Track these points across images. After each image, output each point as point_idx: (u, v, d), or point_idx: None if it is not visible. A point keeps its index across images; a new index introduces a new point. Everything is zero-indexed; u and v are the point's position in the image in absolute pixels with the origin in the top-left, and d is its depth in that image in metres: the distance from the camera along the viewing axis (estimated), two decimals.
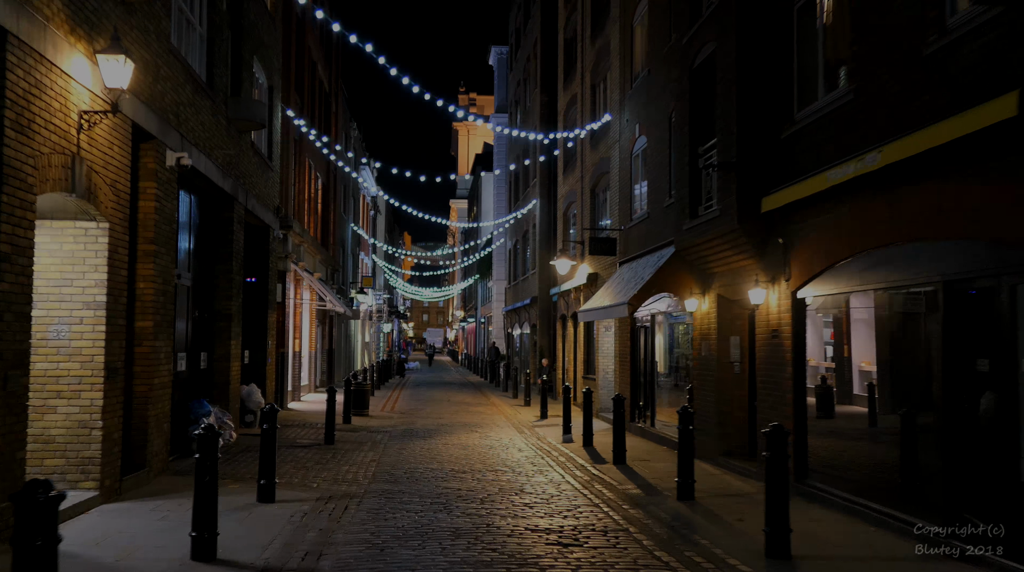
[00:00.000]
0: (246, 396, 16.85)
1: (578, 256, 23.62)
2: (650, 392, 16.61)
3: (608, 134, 20.28)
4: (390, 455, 13.79)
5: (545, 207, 31.31)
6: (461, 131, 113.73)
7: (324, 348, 30.79)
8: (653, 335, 16.53)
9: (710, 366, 12.85)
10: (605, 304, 15.82)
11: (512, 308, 39.01)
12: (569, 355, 25.34)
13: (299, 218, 23.94)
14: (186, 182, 12.85)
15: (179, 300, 12.81)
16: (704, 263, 12.66)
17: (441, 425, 19.07)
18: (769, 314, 10.65)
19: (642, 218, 16.76)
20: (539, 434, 17.57)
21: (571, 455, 14.19)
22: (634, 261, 16.89)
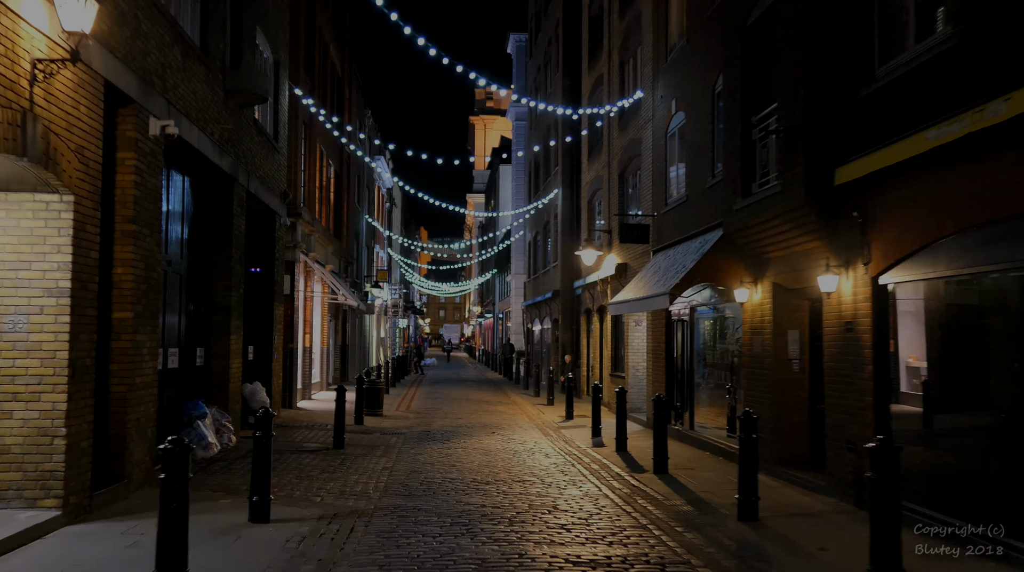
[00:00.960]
0: (249, 395, 15.58)
1: (604, 246, 22.19)
2: (688, 392, 15.18)
3: (639, 114, 18.84)
4: (405, 462, 12.45)
5: (567, 196, 29.88)
6: (478, 125, 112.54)
7: (337, 344, 29.53)
8: (692, 329, 15.09)
9: (763, 364, 11.41)
10: (640, 295, 14.40)
11: (532, 303, 37.63)
12: (595, 352, 23.93)
13: (309, 206, 22.66)
14: (178, 159, 11.56)
15: (171, 290, 11.53)
16: (758, 247, 11.22)
17: (460, 426, 17.73)
18: (841, 304, 9.20)
19: (679, 202, 15.32)
20: (566, 437, 16.19)
21: (605, 462, 12.80)
22: (671, 248, 15.46)
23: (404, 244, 58.88)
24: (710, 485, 10.65)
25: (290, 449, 13.33)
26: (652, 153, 17.41)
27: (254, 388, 15.69)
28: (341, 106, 29.64)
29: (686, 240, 14.50)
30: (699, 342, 14.96)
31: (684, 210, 15.06)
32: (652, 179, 17.42)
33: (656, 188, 17.12)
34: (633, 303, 14.64)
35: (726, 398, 13.97)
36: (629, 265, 19.57)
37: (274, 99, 17.03)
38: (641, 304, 14.00)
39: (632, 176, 20.28)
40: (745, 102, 11.11)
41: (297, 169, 20.37)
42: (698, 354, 14.95)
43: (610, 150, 21.84)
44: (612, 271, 20.42)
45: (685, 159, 15.24)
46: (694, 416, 14.90)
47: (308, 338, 22.58)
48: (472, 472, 11.57)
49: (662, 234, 16.48)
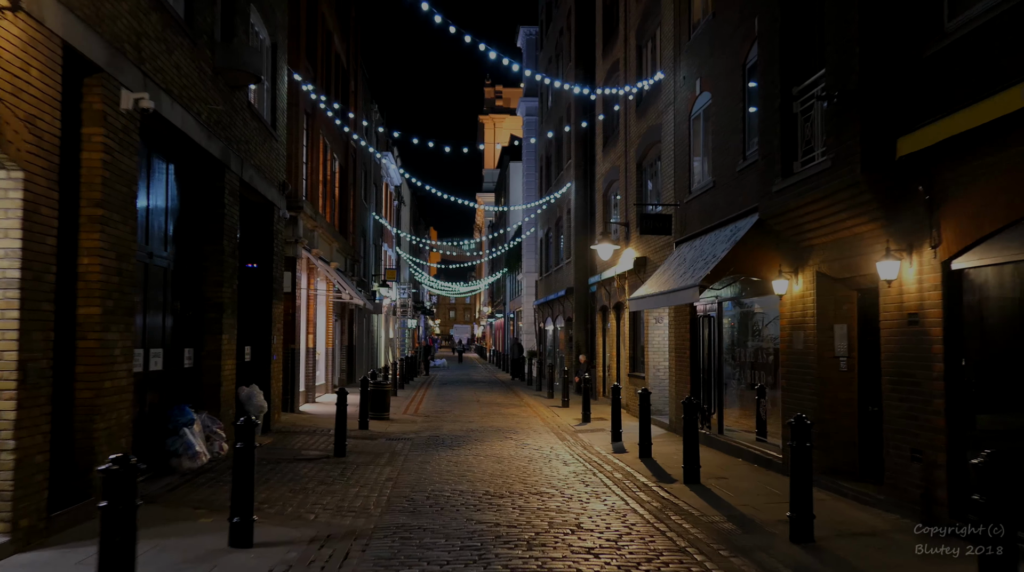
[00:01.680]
0: (246, 399, 14.57)
1: (622, 239, 21.11)
2: (716, 393, 14.09)
3: (658, 98, 17.75)
4: (410, 471, 11.41)
5: (581, 190, 28.79)
6: (487, 124, 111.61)
7: (343, 344, 28.55)
8: (719, 326, 14.00)
9: (805, 362, 10.31)
10: (664, 289, 13.32)
11: (544, 301, 36.56)
12: (611, 351, 22.84)
13: (312, 201, 21.67)
14: (161, 142, 10.56)
15: (154, 284, 10.54)
16: (799, 233, 10.12)
17: (470, 431, 16.68)
18: (903, 293, 8.10)
19: (705, 188, 14.23)
20: (584, 442, 15.12)
21: (628, 470, 11.73)
22: (696, 239, 14.37)
23: (413, 242, 57.91)
24: (749, 497, 9.56)
25: (288, 457, 12.31)
26: (674, 138, 16.33)
27: (250, 391, 14.69)
28: (346, 99, 28.66)
29: (714, 229, 13.42)
30: (727, 339, 13.87)
31: (710, 197, 13.97)
32: (674, 166, 16.33)
33: (678, 175, 16.03)
34: (657, 298, 13.56)
35: (755, 400, 12.90)
36: (648, 259, 18.49)
37: (271, 84, 16.03)
38: (666, 298, 12.92)
39: (651, 165, 19.19)
40: (785, 72, 10.02)
41: (298, 160, 19.38)
42: (726, 352, 13.86)
43: (627, 138, 20.76)
44: (630, 266, 19.34)
45: (711, 142, 14.16)
46: (722, 419, 13.80)
47: (311, 338, 21.59)
48: (484, 483, 10.52)
49: (686, 224, 15.40)
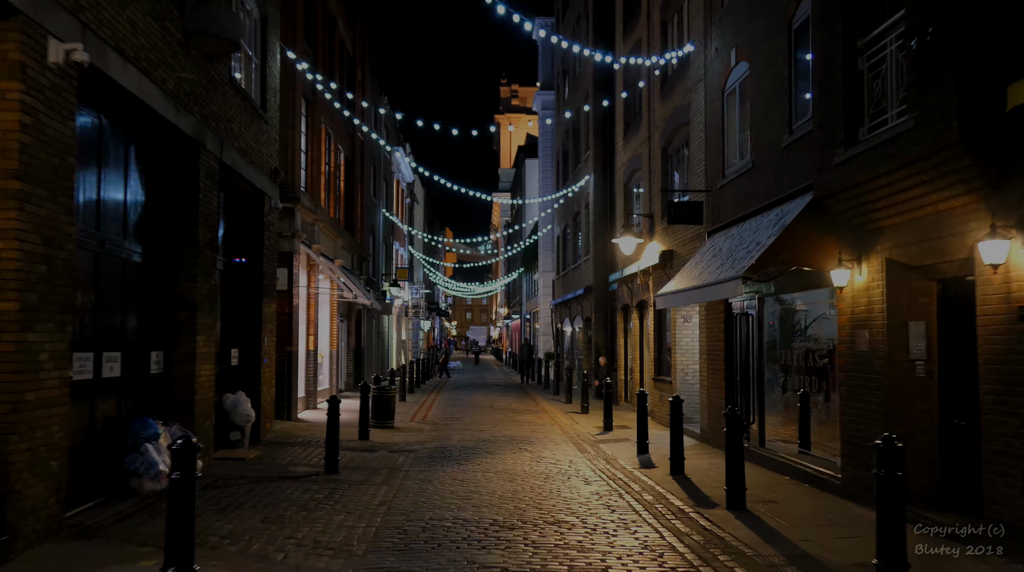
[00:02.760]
0: (230, 407, 13.13)
1: (645, 232, 19.53)
2: (756, 400, 12.49)
3: (686, 76, 16.18)
4: (409, 492, 9.90)
5: (600, 182, 27.23)
6: (503, 124, 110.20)
7: (350, 346, 27.12)
8: (759, 324, 12.40)
9: (871, 366, 8.71)
10: (699, 283, 11.74)
11: (561, 301, 35.00)
12: (634, 352, 21.25)
13: (313, 193, 20.24)
14: (118, 113, 9.13)
15: (108, 278, 9.12)
16: (865, 213, 8.53)
17: (482, 441, 15.17)
18: (1011, 281, 6.50)
19: (743, 170, 12.65)
20: (607, 454, 13.59)
21: (660, 491, 10.18)
22: (732, 227, 12.79)
23: (426, 240, 56.44)
24: (809, 529, 7.98)
25: (271, 475, 10.84)
26: (705, 118, 14.74)
27: (236, 399, 13.25)
28: (352, 88, 27.23)
29: (754, 215, 11.84)
30: (768, 340, 12.27)
31: (748, 180, 12.39)
32: (704, 149, 14.74)
33: (710, 159, 14.45)
34: (689, 293, 11.98)
35: (803, 408, 11.33)
36: (676, 252, 16.91)
37: (261, 61, 14.59)
38: (700, 293, 11.34)
39: (677, 151, 17.61)
40: (848, 22, 8.43)
41: (295, 148, 17.94)
42: (767, 354, 12.27)
43: (651, 123, 19.18)
44: (655, 260, 17.77)
45: (749, 119, 12.58)
46: (764, 430, 12.21)
47: (312, 340, 20.15)
48: (493, 508, 9.00)
49: (719, 212, 13.81)
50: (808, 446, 11.05)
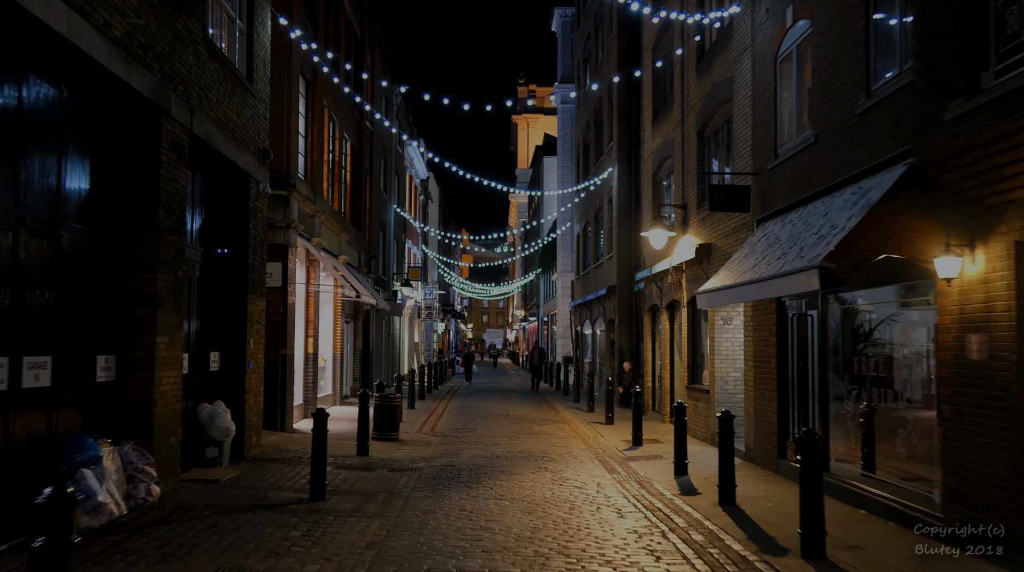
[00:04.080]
0: (207, 420, 11.43)
1: (678, 225, 17.68)
2: (818, 416, 10.61)
3: (729, 46, 14.33)
4: (406, 529, 8.12)
5: (625, 175, 25.37)
6: (520, 124, 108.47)
7: (356, 349, 25.41)
8: (821, 327, 10.53)
9: (992, 380, 6.85)
10: (753, 277, 9.88)
11: (581, 302, 33.14)
12: (663, 358, 19.38)
13: (313, 182, 18.54)
14: (51, 63, 7.43)
15: (35, 267, 7.41)
16: (987, 183, 6.66)
17: (495, 457, 13.38)
18: None
19: (802, 146, 10.79)
20: (640, 476, 11.78)
21: (710, 527, 8.36)
22: (790, 212, 10.93)
23: (440, 237, 54.65)
24: None
25: (244, 504, 9.09)
26: (752, 90, 12.89)
27: (214, 410, 11.53)
28: (360, 74, 25.54)
29: (821, 195, 9.98)
30: (833, 344, 10.39)
31: (810, 157, 10.54)
32: (752, 126, 12.89)
33: (759, 137, 12.59)
34: (742, 290, 10.11)
35: (860, 422, 9.54)
36: (714, 246, 15.05)
37: (247, 26, 12.88)
38: (758, 289, 9.47)
39: (716, 132, 15.75)
40: None
41: (290, 129, 16.23)
42: (832, 362, 10.40)
43: (684, 104, 17.33)
44: (690, 255, 15.91)
45: (809, 86, 10.73)
46: (829, 452, 10.33)
47: (311, 342, 18.43)
48: (509, 554, 7.20)
49: (770, 196, 11.96)
50: (871, 467, 9.24)
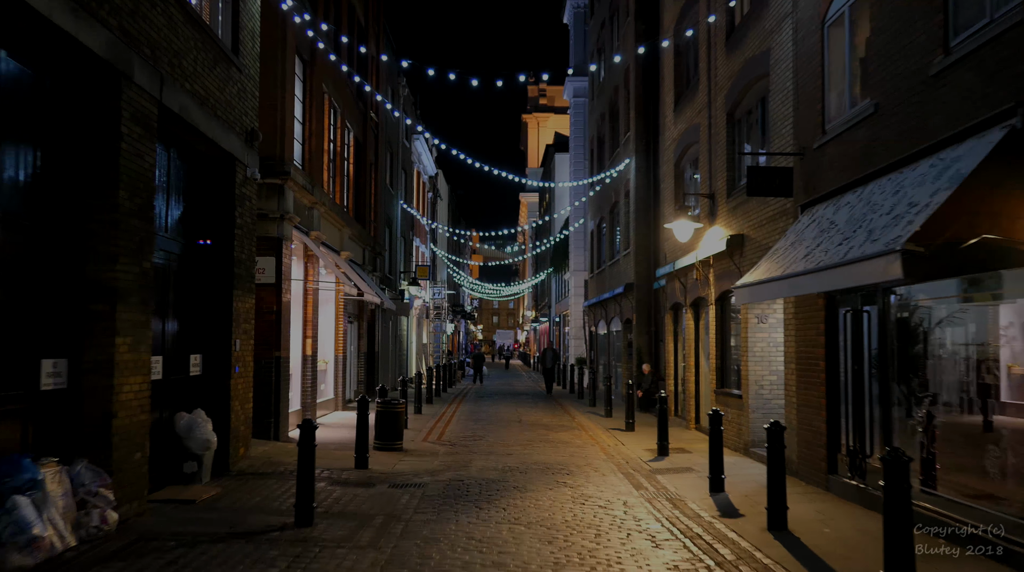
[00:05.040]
0: (184, 431, 10.17)
1: (704, 216, 16.33)
2: (882, 426, 9.26)
3: (764, 16, 12.99)
4: (405, 563, 6.82)
5: (643, 166, 24.03)
6: (531, 123, 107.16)
7: (361, 351, 24.16)
8: (881, 325, 9.18)
9: None
10: (808, 267, 8.54)
11: (596, 301, 31.80)
12: (688, 359, 18.03)
13: (312, 172, 17.29)
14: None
15: None
16: None
17: (508, 470, 12.08)
18: None
19: (859, 118, 9.44)
20: (670, 492, 10.47)
21: (765, 562, 7.06)
22: (847, 194, 9.58)
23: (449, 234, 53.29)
24: None
25: (218, 531, 7.81)
26: (793, 62, 11.55)
27: (192, 420, 10.28)
28: (364, 62, 24.30)
29: (887, 172, 8.64)
30: (896, 345, 9.04)
31: (870, 130, 9.19)
32: (794, 101, 11.55)
33: (802, 114, 11.25)
34: (796, 281, 8.75)
35: (919, 433, 8.23)
36: (747, 237, 13.71)
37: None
38: (816, 280, 8.11)
39: (748, 114, 14.41)
40: None
41: (284, 113, 14.97)
42: (894, 365, 9.05)
43: (712, 85, 15.99)
44: (720, 247, 14.58)
45: (865, 51, 9.40)
46: None
47: (310, 344, 17.17)
48: None
49: (817, 178, 10.62)
50: (931, 484, 7.93)
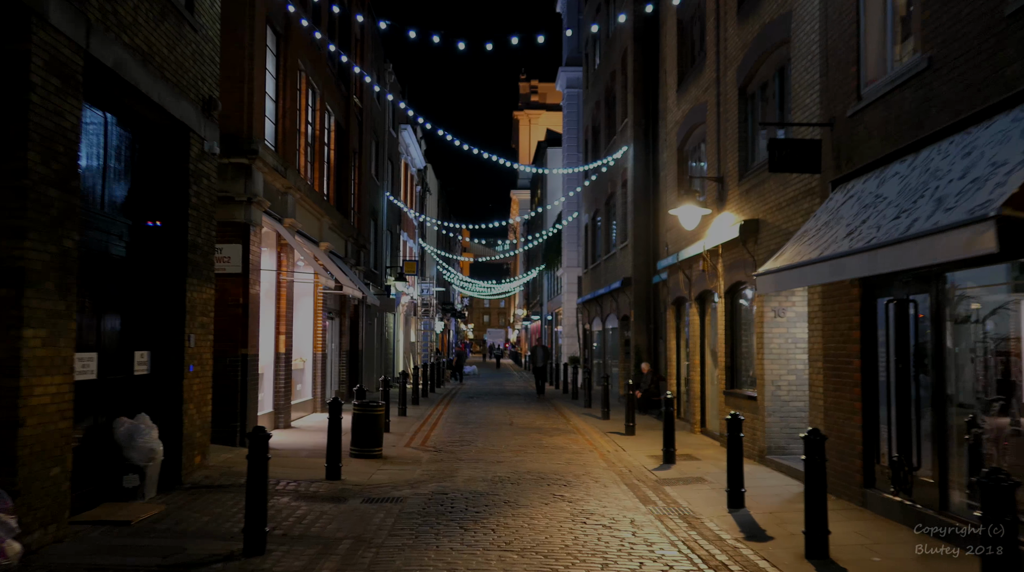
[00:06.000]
0: (124, 439, 8.80)
1: (712, 201, 15.02)
2: (936, 434, 7.95)
3: None
4: None
5: (642, 154, 22.74)
6: (522, 121, 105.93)
7: (343, 349, 22.77)
8: (936, 319, 7.87)
9: None
10: (857, 246, 7.21)
11: (591, 297, 30.49)
12: (692, 358, 16.72)
13: (287, 155, 15.90)
14: None
15: None
16: None
17: (498, 481, 10.74)
18: None
19: (905, 77, 8.12)
20: (681, 506, 9.17)
21: None
22: (894, 163, 8.27)
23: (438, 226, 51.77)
24: None
25: (149, 563, 6.45)
26: (822, 21, 10.24)
27: (134, 426, 8.90)
28: (347, 43, 22.91)
29: (944, 136, 7.33)
30: (954, 342, 7.74)
31: (921, 89, 7.89)
32: (822, 66, 10.24)
33: (833, 78, 9.94)
34: (840, 263, 7.40)
35: (986, 443, 6.98)
36: (763, 222, 12.41)
37: None
38: (869, 260, 6.77)
39: (763, 87, 13.11)
40: None
41: (253, 85, 13.58)
42: (951, 366, 7.75)
43: (720, 59, 14.67)
44: (731, 234, 13.28)
45: None
46: (947, 485, 7.68)
47: (284, 340, 15.80)
48: None
49: (852, 149, 9.31)
50: None
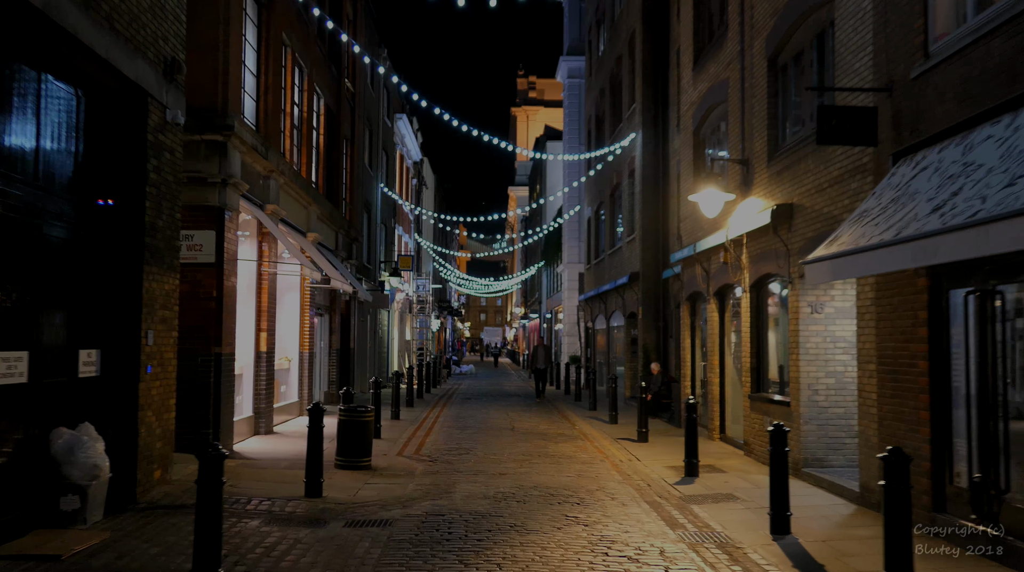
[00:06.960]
0: (63, 453, 7.44)
1: (736, 186, 13.66)
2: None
3: None
4: None
5: (651, 141, 21.40)
6: (520, 117, 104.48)
7: (333, 347, 21.39)
8: None
9: None
10: (954, 222, 5.87)
11: (594, 294, 29.14)
12: (711, 358, 15.36)
13: (269, 135, 14.52)
14: None
15: None
16: None
17: (502, 498, 9.38)
18: None
19: (997, 21, 6.77)
20: (715, 531, 7.85)
21: None
22: (986, 125, 6.90)
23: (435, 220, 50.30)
24: None
25: None
26: None
27: (75, 438, 7.54)
28: (339, 21, 21.52)
29: None
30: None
31: (1013, 38, 6.54)
32: (876, 23, 8.89)
33: (891, 36, 8.59)
34: (935, 242, 6.05)
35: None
36: (798, 206, 11.06)
37: None
38: (990, 235, 5.44)
39: (798, 56, 11.76)
40: None
41: (229, 55, 12.19)
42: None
43: (747, 29, 13.32)
44: (760, 221, 11.94)
45: None
46: None
47: (265, 338, 14.42)
48: None
49: (917, 116, 7.96)
50: None
